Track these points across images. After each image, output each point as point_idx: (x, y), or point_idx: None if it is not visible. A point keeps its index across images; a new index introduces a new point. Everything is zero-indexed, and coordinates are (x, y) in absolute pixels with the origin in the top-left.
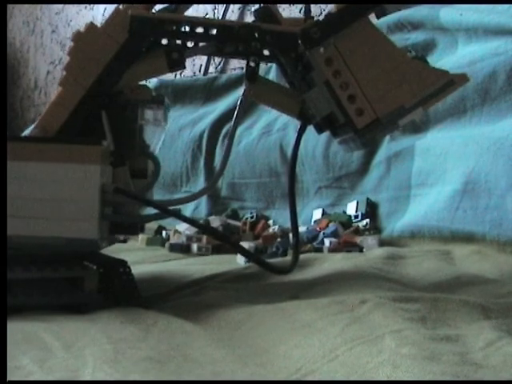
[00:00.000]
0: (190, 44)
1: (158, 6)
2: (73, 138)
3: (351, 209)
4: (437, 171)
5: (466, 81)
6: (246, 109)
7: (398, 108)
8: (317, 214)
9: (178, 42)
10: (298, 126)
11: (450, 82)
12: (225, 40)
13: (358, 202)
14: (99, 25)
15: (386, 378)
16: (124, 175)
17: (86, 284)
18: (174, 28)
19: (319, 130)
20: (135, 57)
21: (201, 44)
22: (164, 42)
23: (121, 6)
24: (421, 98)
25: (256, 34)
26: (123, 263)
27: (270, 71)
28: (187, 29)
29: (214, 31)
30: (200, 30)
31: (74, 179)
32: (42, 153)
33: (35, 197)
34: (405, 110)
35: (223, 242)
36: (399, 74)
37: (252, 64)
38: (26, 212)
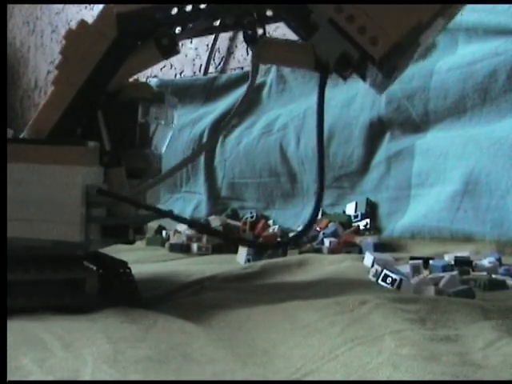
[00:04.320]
0: (181, 27)
1: None
2: (58, 139)
3: (350, 210)
4: (437, 171)
5: None
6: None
7: (415, 25)
8: None
9: (178, 28)
10: (318, 80)
11: None
12: (217, 10)
13: (356, 203)
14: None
15: (385, 379)
16: (120, 176)
17: (86, 285)
18: (163, 14)
19: (343, 77)
20: (127, 53)
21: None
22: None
23: (112, 4)
24: (438, 9)
25: None
26: (123, 264)
27: (270, 71)
28: (175, 11)
29: (204, 5)
30: (189, 8)
31: (58, 181)
32: (26, 154)
33: (20, 198)
34: (423, 25)
35: (221, 239)
36: None
37: (246, 24)
38: (11, 214)
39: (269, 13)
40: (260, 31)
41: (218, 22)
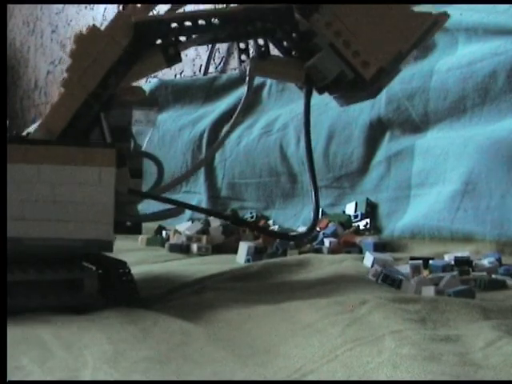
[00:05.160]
0: (192, 37)
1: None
2: (87, 140)
3: (350, 210)
4: (437, 171)
5: (446, 18)
6: (246, 108)
7: (396, 54)
8: None
9: (183, 38)
10: (304, 91)
11: (435, 21)
12: (228, 27)
13: (356, 203)
14: (100, 26)
15: (386, 378)
16: (125, 176)
17: (85, 285)
18: (178, 25)
19: (320, 91)
20: (137, 58)
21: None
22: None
23: (121, 7)
24: (414, 42)
25: (257, 15)
26: (122, 264)
27: None
28: (189, 23)
29: (216, 20)
30: (202, 21)
31: (90, 181)
32: (56, 156)
33: (50, 199)
34: (402, 54)
35: (238, 225)
36: (389, 23)
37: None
38: (41, 214)
39: (262, 29)
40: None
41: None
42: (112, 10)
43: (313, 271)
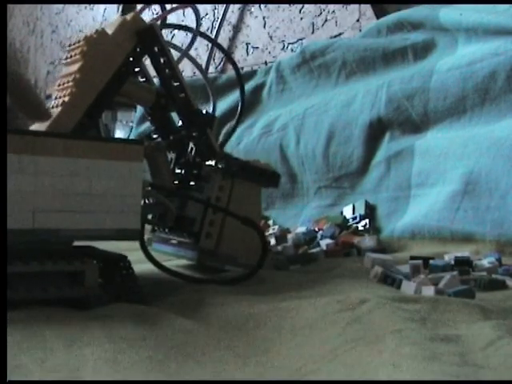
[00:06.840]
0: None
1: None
2: (120, 138)
3: (347, 212)
4: (437, 171)
5: None
6: (246, 108)
7: (233, 257)
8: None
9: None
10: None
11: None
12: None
13: (354, 206)
14: (100, 26)
15: (386, 378)
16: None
17: (86, 278)
18: (165, 58)
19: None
20: (138, 64)
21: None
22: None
23: (120, 8)
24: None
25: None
26: (123, 258)
27: (270, 71)
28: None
29: (182, 96)
30: (175, 83)
31: (122, 175)
32: (94, 150)
33: (85, 191)
34: (237, 262)
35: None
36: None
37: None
38: (78, 206)
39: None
40: None
41: None
42: (112, 9)
43: (313, 271)
